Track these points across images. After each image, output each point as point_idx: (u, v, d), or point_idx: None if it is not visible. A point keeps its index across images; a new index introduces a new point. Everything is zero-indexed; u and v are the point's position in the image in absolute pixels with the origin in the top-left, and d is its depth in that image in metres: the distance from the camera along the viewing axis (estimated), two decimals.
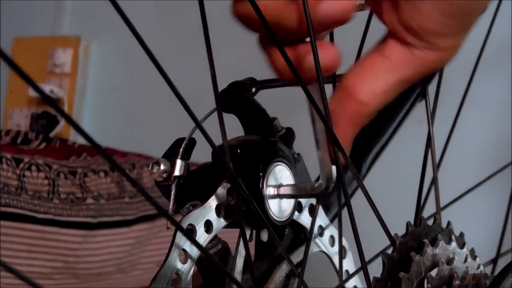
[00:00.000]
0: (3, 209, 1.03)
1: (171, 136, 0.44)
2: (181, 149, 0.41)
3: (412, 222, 0.41)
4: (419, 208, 0.44)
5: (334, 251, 0.53)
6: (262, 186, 0.42)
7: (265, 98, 0.49)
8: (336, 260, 0.52)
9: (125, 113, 1.73)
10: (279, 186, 0.43)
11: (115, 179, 1.25)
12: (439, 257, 0.39)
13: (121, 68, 1.75)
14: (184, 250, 0.39)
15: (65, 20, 1.80)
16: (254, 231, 0.46)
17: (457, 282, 0.38)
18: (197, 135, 0.40)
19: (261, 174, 0.42)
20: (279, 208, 0.44)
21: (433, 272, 0.39)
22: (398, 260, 0.37)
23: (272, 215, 0.43)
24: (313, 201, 0.50)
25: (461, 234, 0.43)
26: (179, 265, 0.39)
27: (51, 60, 1.75)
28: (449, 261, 0.40)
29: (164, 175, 0.41)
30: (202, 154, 0.45)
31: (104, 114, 1.78)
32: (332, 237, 0.53)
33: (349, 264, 0.54)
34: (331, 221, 0.53)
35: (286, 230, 0.49)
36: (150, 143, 1.36)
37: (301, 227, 0.50)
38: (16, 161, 1.10)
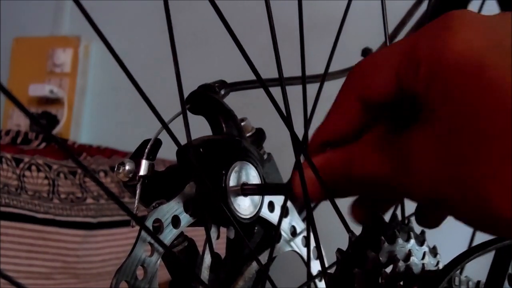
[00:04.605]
0: (3, 209, 1.03)
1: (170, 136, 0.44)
2: (146, 150, 0.42)
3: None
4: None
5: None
6: (225, 183, 0.43)
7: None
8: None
9: (125, 113, 1.74)
10: (243, 183, 0.44)
11: (115, 179, 1.25)
12: (396, 254, 0.40)
13: (121, 68, 1.75)
14: (150, 243, 0.39)
15: (65, 20, 1.81)
16: (222, 229, 0.46)
17: None
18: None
19: (223, 171, 0.43)
20: (243, 205, 0.44)
21: (390, 269, 0.40)
22: (353, 257, 0.38)
23: (236, 212, 0.43)
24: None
25: (422, 232, 0.44)
26: (145, 258, 0.39)
27: (51, 60, 1.76)
28: (406, 258, 0.40)
29: (130, 175, 0.41)
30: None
31: (104, 114, 1.79)
32: (305, 237, 0.54)
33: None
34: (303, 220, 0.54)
35: (256, 228, 0.49)
36: None
37: (273, 226, 0.50)
38: (16, 161, 1.10)
